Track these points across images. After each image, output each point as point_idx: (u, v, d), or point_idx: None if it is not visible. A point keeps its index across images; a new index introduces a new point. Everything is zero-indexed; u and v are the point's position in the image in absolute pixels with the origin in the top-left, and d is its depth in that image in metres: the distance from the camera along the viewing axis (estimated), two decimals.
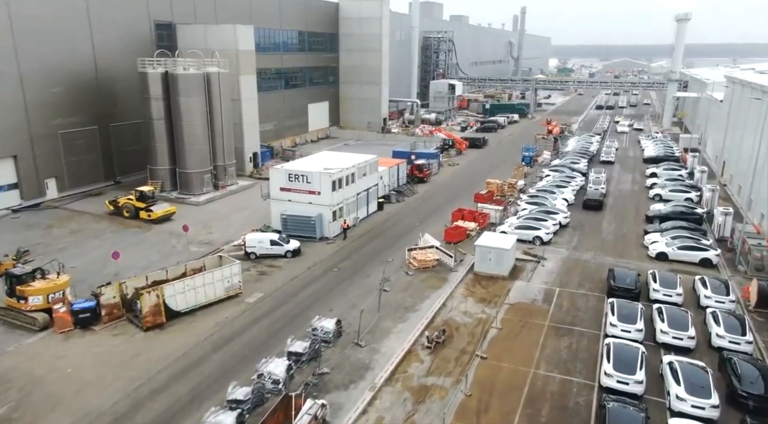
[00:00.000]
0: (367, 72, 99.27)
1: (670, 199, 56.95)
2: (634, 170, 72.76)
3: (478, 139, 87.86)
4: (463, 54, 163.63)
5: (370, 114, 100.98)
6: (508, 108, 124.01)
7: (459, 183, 65.70)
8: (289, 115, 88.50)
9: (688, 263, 41.21)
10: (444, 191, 62.12)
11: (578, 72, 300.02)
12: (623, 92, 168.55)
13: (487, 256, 39.35)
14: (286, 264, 40.90)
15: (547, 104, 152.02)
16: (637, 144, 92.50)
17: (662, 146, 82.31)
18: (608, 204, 57.04)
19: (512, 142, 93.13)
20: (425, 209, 55.30)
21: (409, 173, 64.64)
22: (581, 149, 79.22)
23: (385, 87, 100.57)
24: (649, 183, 63.45)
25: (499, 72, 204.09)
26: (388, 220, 51.95)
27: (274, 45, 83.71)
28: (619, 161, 77.80)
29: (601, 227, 49.94)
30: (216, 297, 33.78)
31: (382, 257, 42.40)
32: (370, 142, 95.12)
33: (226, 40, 63.66)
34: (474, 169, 73.13)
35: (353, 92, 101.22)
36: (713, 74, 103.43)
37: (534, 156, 74.86)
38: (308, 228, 45.37)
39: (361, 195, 50.66)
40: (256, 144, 69.16)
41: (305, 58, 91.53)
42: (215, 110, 57.66)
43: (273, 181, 47.29)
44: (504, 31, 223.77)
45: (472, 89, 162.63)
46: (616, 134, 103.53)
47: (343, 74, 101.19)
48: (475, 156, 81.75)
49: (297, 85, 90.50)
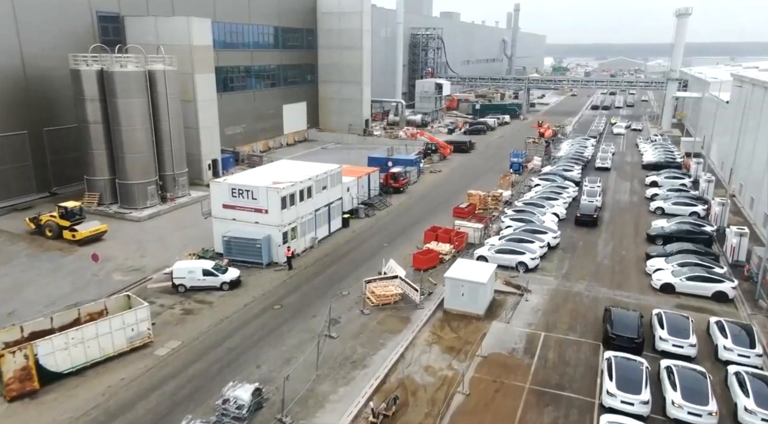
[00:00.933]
0: (348, 70, 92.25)
1: (674, 214, 50.21)
2: (632, 178, 65.91)
3: (464, 143, 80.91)
4: (454, 52, 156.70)
5: (352, 115, 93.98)
6: (498, 108, 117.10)
7: (439, 193, 58.78)
8: (261, 117, 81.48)
9: (700, 297, 34.40)
10: (421, 203, 55.21)
11: (574, 71, 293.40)
12: (619, 92, 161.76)
13: (460, 290, 32.46)
14: (220, 299, 33.94)
15: (541, 104, 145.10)
16: (635, 148, 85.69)
17: (662, 151, 75.50)
18: (604, 219, 50.19)
19: (501, 146, 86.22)
20: (397, 226, 48.37)
21: (383, 182, 57.74)
22: (575, 154, 72.38)
23: (366, 86, 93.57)
24: (650, 194, 56.61)
25: (492, 71, 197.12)
26: (353, 239, 45.00)
27: (243, 41, 76.62)
28: (615, 168, 70.95)
29: (596, 249, 43.07)
30: (116, 350, 26.84)
31: (336, 290, 35.49)
32: (350, 146, 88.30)
33: (179, 35, 56.58)
34: (457, 177, 66.20)
35: (333, 92, 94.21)
36: (715, 73, 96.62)
37: (523, 162, 67.99)
38: (254, 252, 38.39)
39: (321, 211, 43.70)
40: (215, 150, 62.09)
41: (279, 55, 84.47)
42: (161, 113, 50.64)
43: (214, 196, 40.29)
44: (497, 28, 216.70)
45: (464, 89, 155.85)
46: (612, 136, 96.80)
47: (322, 73, 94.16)
48: (460, 162, 74.84)
49: (270, 84, 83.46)
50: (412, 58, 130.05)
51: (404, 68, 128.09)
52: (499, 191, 54.86)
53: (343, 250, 42.68)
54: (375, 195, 54.16)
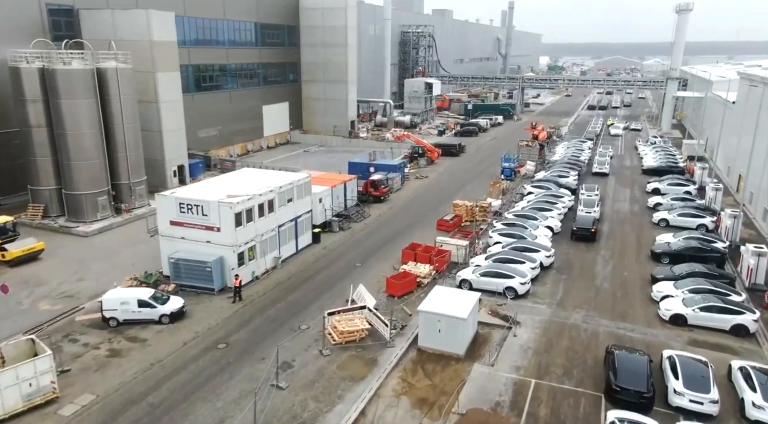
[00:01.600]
0: (333, 69, 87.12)
1: (679, 226, 45.31)
2: (632, 184, 60.95)
3: (453, 146, 75.85)
4: (446, 50, 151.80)
5: (337, 116, 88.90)
6: (492, 109, 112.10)
7: (423, 202, 53.74)
8: (239, 119, 76.30)
9: (716, 331, 29.47)
10: (403, 214, 50.16)
11: (570, 70, 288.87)
12: (616, 91, 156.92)
13: (436, 326, 27.46)
14: (157, 335, 28.85)
15: (536, 104, 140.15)
16: (633, 151, 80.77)
17: (663, 154, 70.57)
18: (603, 232, 45.20)
19: (493, 149, 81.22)
20: (374, 241, 43.32)
21: (362, 191, 52.70)
22: (571, 159, 67.42)
23: (352, 86, 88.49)
24: (652, 203, 51.66)
25: (486, 70, 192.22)
26: (323, 258, 39.92)
27: (218, 38, 71.42)
28: (614, 173, 65.99)
29: (595, 268, 38.07)
30: (6, 412, 21.74)
31: (295, 322, 30.45)
32: (335, 149, 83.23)
33: (138, 29, 51.37)
34: (445, 184, 61.16)
35: (317, 92, 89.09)
36: (717, 72, 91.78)
37: (515, 167, 62.98)
38: (204, 277, 33.30)
39: (286, 227, 38.62)
40: (182, 155, 56.91)
41: (258, 53, 79.31)
42: (114, 115, 45.55)
43: (161, 212, 35.15)
44: (492, 26, 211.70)
45: (457, 88, 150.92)
46: (609, 138, 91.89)
47: (305, 72, 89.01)
48: (449, 166, 69.81)
49: (248, 84, 78.29)
50: (403, 57, 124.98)
51: (394, 67, 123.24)
52: (487, 201, 49.85)
53: (311, 270, 37.58)
54: (352, 205, 49.07)
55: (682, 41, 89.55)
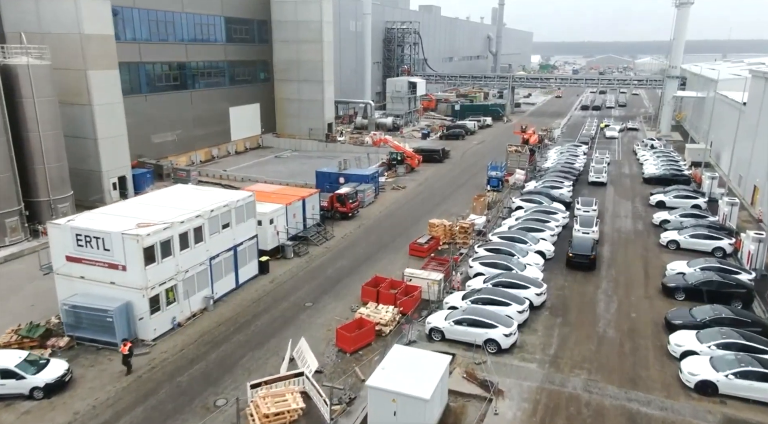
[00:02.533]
0: (307, 67, 79.85)
1: (692, 249, 38.49)
2: (633, 196, 54.05)
3: (436, 152, 68.71)
4: (435, 48, 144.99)
5: (312, 118, 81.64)
6: (480, 109, 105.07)
7: (397, 220, 46.66)
8: (203, 122, 68.91)
9: (758, 404, 22.56)
10: (373, 234, 43.05)
11: (562, 69, 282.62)
12: (610, 91, 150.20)
13: (390, 406, 20.41)
14: (23, 418, 21.65)
15: (527, 104, 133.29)
16: (632, 155, 74.02)
17: (665, 160, 63.69)
18: (603, 257, 38.26)
19: (480, 154, 74.26)
20: (334, 271, 36.19)
21: (326, 207, 45.58)
22: (564, 166, 60.49)
23: (329, 85, 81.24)
24: (658, 219, 44.75)
25: (476, 68, 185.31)
26: (268, 295, 32.74)
27: (175, 32, 63.97)
28: (612, 182, 59.09)
29: (596, 308, 31.10)
30: None
31: (211, 395, 23.30)
32: (309, 154, 76.11)
33: (66, 21, 43.96)
34: (424, 196, 54.09)
35: (291, 92, 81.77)
36: (720, 70, 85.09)
37: (503, 177, 55.97)
38: (104, 328, 26.07)
39: (221, 259, 31.46)
40: (124, 165, 49.56)
41: (224, 50, 71.93)
42: (27, 120, 38.27)
43: (55, 245, 27.88)
44: (482, 24, 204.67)
45: (446, 88, 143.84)
46: (605, 141, 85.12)
47: (278, 70, 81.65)
48: (431, 174, 62.72)
49: (213, 83, 70.90)
50: (387, 55, 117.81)
51: (378, 66, 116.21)
52: (469, 220, 42.82)
53: (249, 313, 30.39)
54: (313, 225, 41.88)
55: (682, 37, 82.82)
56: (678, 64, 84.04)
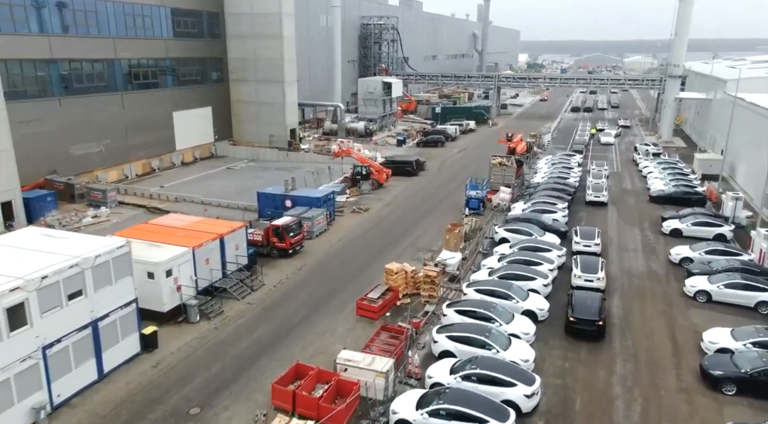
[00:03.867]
0: (266, 66, 69.67)
1: (726, 302, 29.02)
2: (640, 220, 44.44)
3: (408, 164, 58.73)
4: (417, 46, 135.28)
5: (273, 124, 71.45)
6: (463, 112, 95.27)
7: (351, 256, 36.73)
8: (138, 129, 58.49)
9: None
10: (315, 280, 33.06)
11: (550, 68, 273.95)
12: (600, 91, 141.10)
13: None
14: None
15: (514, 106, 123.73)
16: (632, 165, 64.62)
17: (673, 173, 54.16)
18: (614, 316, 28.57)
19: (461, 165, 64.53)
20: (250, 344, 26.15)
21: (261, 242, 35.59)
22: (557, 182, 50.81)
23: (291, 86, 71.11)
24: (677, 256, 35.11)
25: (461, 68, 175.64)
26: (141, 391, 22.58)
27: (99, 25, 53.50)
28: (613, 200, 49.48)
29: (611, 409, 21.34)
30: None
31: None
32: (267, 164, 66.07)
33: None
34: (389, 221, 44.17)
35: (248, 94, 71.51)
36: (722, 69, 75.81)
37: (485, 197, 46.21)
38: None
39: (66, 344, 21.33)
40: (12, 187, 39.13)
41: (164, 45, 61.50)
42: None
43: None
44: (468, 21, 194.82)
45: (429, 88, 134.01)
46: (599, 147, 75.70)
47: (233, 69, 71.36)
48: (401, 191, 52.85)
49: (152, 84, 60.47)
50: (363, 53, 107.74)
51: (353, 64, 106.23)
52: (441, 259, 33.02)
53: None
54: (237, 270, 31.83)
55: (685, 34, 73.45)
56: (680, 63, 74.68)
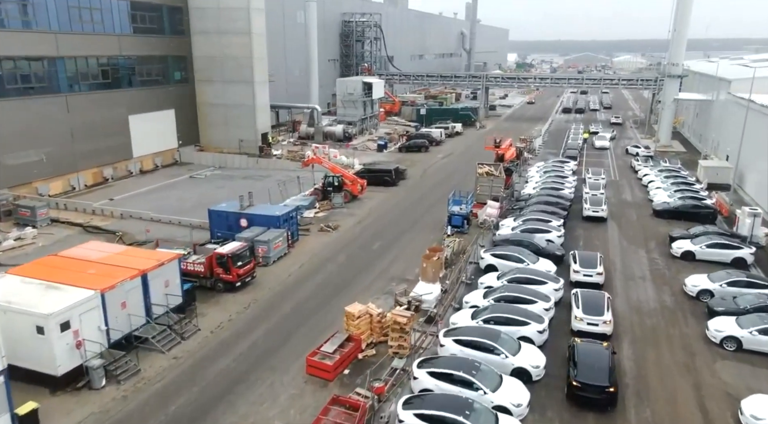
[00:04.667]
0: (234, 65, 63.70)
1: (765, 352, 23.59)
2: (645, 239, 38.88)
3: (387, 172, 52.91)
4: (404, 45, 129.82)
5: (243, 128, 65.50)
6: (449, 114, 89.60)
7: (311, 290, 30.86)
8: (88, 135, 52.40)
9: None
10: (264, 324, 27.15)
11: (539, 67, 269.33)
12: (591, 91, 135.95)
13: None
14: None
15: (503, 107, 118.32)
16: (630, 172, 59.28)
17: (677, 183, 48.77)
18: (625, 372, 22.95)
19: (446, 172, 58.91)
20: (172, 418, 20.33)
21: (203, 274, 29.72)
22: (550, 194, 45.21)
23: (261, 87, 65.20)
24: (694, 289, 29.52)
25: (449, 67, 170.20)
26: None
27: (37, 17, 47.29)
28: (613, 215, 43.97)
29: None
30: None
31: None
32: (234, 172, 60.28)
33: None
34: (360, 243, 38.35)
35: (215, 95, 65.45)
36: (727, 68, 70.66)
37: (470, 213, 40.56)
38: None
39: None
40: None
41: (118, 41, 55.33)
42: None
43: None
44: (456, 20, 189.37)
45: (415, 88, 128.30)
46: (594, 151, 70.34)
47: (198, 69, 65.27)
48: (377, 205, 47.07)
49: (103, 85, 54.31)
50: (345, 51, 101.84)
51: (334, 64, 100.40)
52: (415, 295, 27.32)
53: None
54: (165, 312, 25.89)
55: (684, 30, 68.18)
56: (680, 62, 69.41)
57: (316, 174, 51.18)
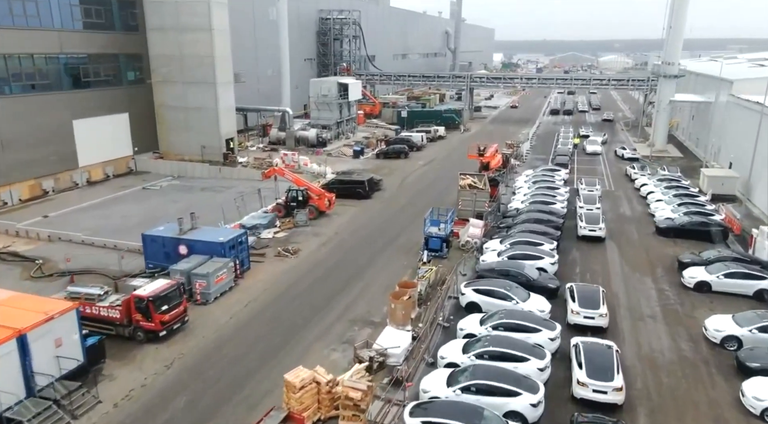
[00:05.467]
0: (194, 64, 57.66)
1: None
2: (651, 265, 33.51)
3: (359, 184, 47.17)
4: (385, 44, 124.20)
5: (206, 133, 59.45)
6: (432, 116, 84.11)
7: (254, 339, 25.07)
8: (22, 143, 46.21)
9: None
10: (185, 392, 21.42)
11: (525, 67, 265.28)
12: (579, 91, 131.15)
13: None
14: None
15: (488, 108, 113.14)
16: (626, 180, 54.22)
17: (679, 195, 43.70)
18: None
19: (426, 182, 53.40)
20: None
21: (119, 320, 23.84)
22: (541, 208, 39.81)
23: (225, 89, 59.20)
24: (717, 334, 24.19)
25: (433, 67, 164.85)
26: None
27: None
28: (612, 234, 38.63)
29: None
30: None
31: None
32: (194, 182, 54.50)
33: None
34: (322, 272, 32.58)
35: (175, 97, 59.32)
36: (730, 68, 65.87)
37: (449, 235, 35.02)
38: None
39: None
40: None
41: (59, 38, 49.15)
42: None
43: None
44: (441, 18, 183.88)
45: (399, 89, 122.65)
46: (585, 157, 65.24)
47: (156, 68, 59.05)
48: (347, 222, 41.40)
49: (41, 86, 48.12)
50: (322, 50, 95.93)
51: (311, 63, 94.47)
52: (379, 347, 21.75)
53: None
54: (51, 383, 20.01)
55: (682, 26, 63.21)
56: (676, 61, 64.48)
57: (280, 185, 45.30)
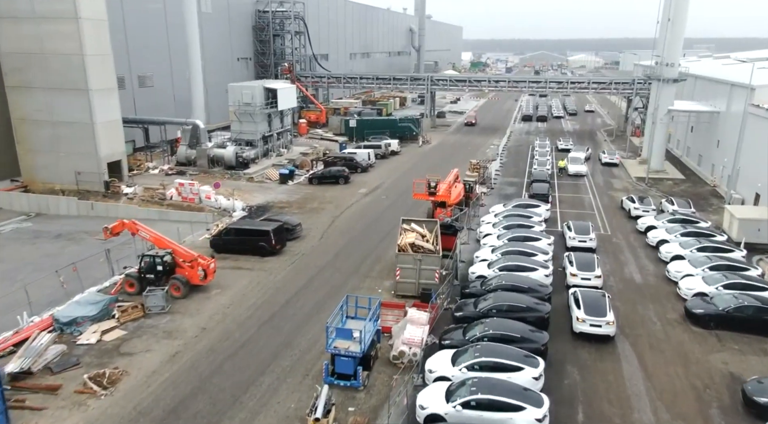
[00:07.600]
0: (60, 65, 43.17)
1: None
2: (700, 402, 20.56)
3: (262, 236, 32.71)
4: (341, 41, 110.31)
5: (79, 155, 44.80)
6: (385, 125, 70.27)
7: None
8: None
9: None
10: None
11: (494, 67, 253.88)
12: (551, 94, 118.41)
13: None
14: None
15: (453, 113, 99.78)
16: (622, 216, 41.21)
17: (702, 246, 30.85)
18: None
19: (363, 224, 39.26)
20: None
21: None
22: (515, 279, 26.29)
23: (104, 97, 44.68)
24: None
25: (397, 66, 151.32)
26: None
27: None
28: (623, 327, 25.40)
29: None
30: None
31: None
32: (52, 226, 40.10)
33: None
34: (153, 420, 18.62)
35: (37, 108, 44.63)
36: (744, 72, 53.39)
37: (375, 342, 21.27)
38: None
39: None
40: None
41: None
42: None
43: None
44: (405, 15, 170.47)
45: (356, 92, 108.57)
46: (567, 180, 52.31)
47: (10, 70, 44.35)
48: (228, 304, 27.24)
49: None
50: (260, 48, 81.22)
51: (246, 63, 79.92)
52: None
53: None
54: None
55: (684, 21, 50.59)
56: (676, 62, 51.85)
57: (144, 245, 30.78)
